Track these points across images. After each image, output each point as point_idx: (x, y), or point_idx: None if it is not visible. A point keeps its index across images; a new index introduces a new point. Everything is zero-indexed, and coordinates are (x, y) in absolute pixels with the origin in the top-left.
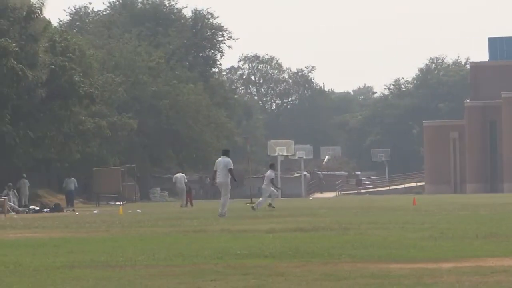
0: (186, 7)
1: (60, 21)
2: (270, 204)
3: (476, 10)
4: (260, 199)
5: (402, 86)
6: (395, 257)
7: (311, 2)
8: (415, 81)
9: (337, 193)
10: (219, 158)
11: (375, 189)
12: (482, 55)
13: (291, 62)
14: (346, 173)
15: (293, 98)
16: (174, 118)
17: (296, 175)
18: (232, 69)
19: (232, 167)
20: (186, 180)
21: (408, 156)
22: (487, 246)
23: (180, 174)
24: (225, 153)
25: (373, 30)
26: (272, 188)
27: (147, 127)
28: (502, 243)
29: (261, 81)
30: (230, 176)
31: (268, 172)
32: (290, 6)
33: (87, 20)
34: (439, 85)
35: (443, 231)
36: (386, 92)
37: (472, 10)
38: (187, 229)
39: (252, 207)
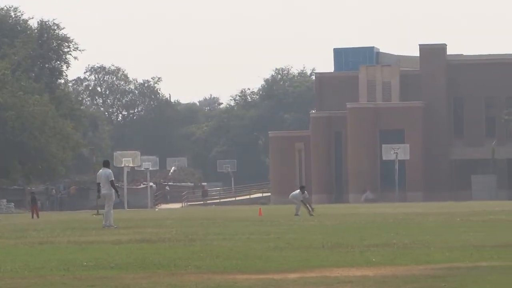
0: (32, 18)
1: None
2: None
3: (321, 21)
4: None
5: (248, 97)
6: (241, 268)
7: (155, 14)
8: (260, 92)
9: (183, 204)
10: (100, 170)
11: (222, 200)
12: (327, 66)
13: (137, 73)
14: (192, 184)
15: (139, 109)
16: (20, 129)
17: (142, 186)
18: (78, 80)
19: (113, 179)
20: None
21: (254, 167)
22: (333, 257)
23: None
24: (105, 164)
25: (218, 41)
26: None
27: None
28: (347, 253)
29: (107, 92)
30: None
31: (297, 192)
32: (136, 17)
33: None
34: (284, 96)
35: (289, 241)
36: (232, 103)
37: (318, 21)
38: (33, 241)
39: (296, 215)
